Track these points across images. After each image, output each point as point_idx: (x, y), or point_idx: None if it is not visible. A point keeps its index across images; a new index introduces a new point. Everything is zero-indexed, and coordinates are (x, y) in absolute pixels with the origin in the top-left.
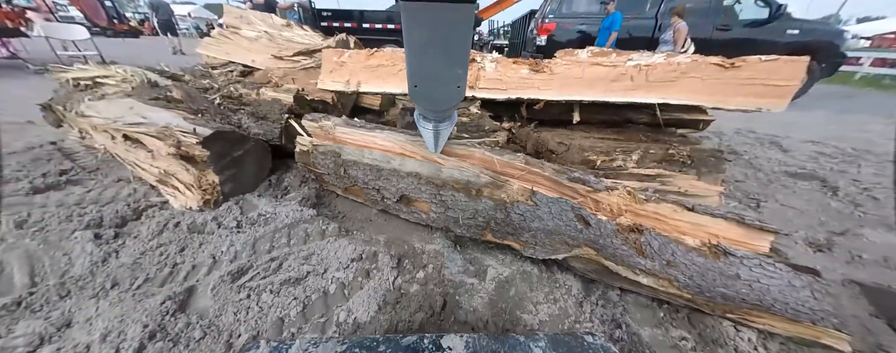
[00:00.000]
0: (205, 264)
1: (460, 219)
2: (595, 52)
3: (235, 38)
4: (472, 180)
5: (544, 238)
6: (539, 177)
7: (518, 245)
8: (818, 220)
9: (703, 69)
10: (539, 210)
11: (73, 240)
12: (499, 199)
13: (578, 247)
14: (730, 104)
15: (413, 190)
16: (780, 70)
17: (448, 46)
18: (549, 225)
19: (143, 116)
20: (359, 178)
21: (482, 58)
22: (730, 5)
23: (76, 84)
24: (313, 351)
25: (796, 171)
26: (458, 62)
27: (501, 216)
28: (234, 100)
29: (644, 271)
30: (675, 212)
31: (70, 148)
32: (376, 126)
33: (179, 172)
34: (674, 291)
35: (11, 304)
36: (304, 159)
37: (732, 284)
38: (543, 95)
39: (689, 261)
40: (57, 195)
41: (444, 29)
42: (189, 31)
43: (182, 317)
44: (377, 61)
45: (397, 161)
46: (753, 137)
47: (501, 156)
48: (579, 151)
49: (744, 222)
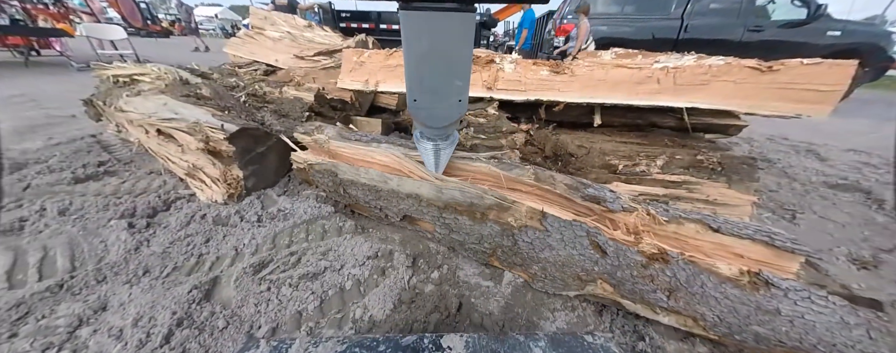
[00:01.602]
0: (228, 256)
1: (466, 243)
2: (619, 53)
3: (260, 39)
4: (475, 201)
5: (555, 272)
6: (551, 194)
7: (526, 277)
8: (862, 235)
9: (737, 73)
10: (550, 237)
11: (109, 228)
12: (505, 223)
13: (593, 282)
14: (765, 109)
15: (415, 211)
16: (824, 75)
17: (449, 56)
18: (560, 255)
19: (175, 112)
20: (359, 197)
21: (501, 59)
22: (762, 5)
23: (115, 81)
24: (313, 351)
25: (837, 181)
26: (460, 74)
27: (509, 244)
28: (259, 98)
29: (666, 310)
30: (697, 233)
31: (107, 141)
32: (373, 139)
33: (206, 166)
34: (699, 331)
35: (55, 286)
36: (304, 176)
37: (770, 321)
38: (564, 97)
39: (721, 294)
40: (95, 185)
41: (445, 37)
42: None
43: (207, 306)
44: (396, 61)
45: (395, 181)
46: (787, 144)
47: (509, 171)
48: (600, 154)
49: (773, 243)
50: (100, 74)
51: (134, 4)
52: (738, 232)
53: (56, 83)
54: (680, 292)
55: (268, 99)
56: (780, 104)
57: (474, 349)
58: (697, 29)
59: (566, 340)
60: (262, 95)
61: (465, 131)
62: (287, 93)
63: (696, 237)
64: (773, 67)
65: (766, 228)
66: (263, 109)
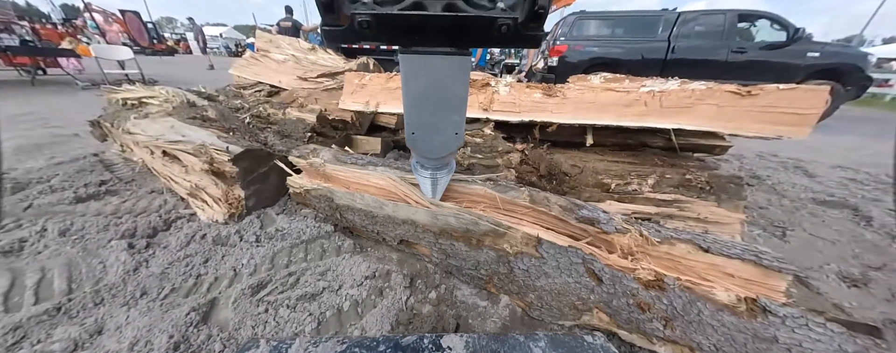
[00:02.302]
0: (226, 277)
1: (463, 268)
2: (607, 77)
3: (265, 61)
4: (470, 227)
5: (551, 301)
6: (545, 216)
7: (523, 305)
8: (851, 252)
9: (719, 97)
10: (546, 264)
11: (109, 248)
12: (501, 249)
13: (589, 311)
14: (748, 131)
15: (411, 236)
16: (800, 99)
17: (445, 95)
18: (556, 283)
19: (181, 135)
20: (356, 221)
21: (496, 82)
22: (745, 27)
23: (124, 103)
24: (313, 351)
25: (825, 198)
26: (456, 110)
27: (505, 271)
28: (263, 119)
29: (663, 339)
30: (689, 253)
31: (110, 160)
32: (369, 162)
33: (209, 186)
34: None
35: (52, 309)
36: (301, 200)
37: (767, 349)
38: (557, 118)
39: (718, 322)
40: (96, 204)
41: (442, 78)
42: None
43: (204, 329)
44: (395, 84)
45: (390, 207)
46: (776, 161)
47: (505, 193)
48: (593, 173)
49: (761, 262)
50: (109, 98)
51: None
52: (727, 252)
53: (61, 102)
54: (677, 322)
55: (271, 120)
56: (762, 126)
57: (474, 349)
58: (684, 50)
59: (566, 340)
60: (266, 116)
61: (463, 151)
62: (290, 114)
63: (688, 258)
64: (751, 92)
65: (752, 247)
66: (267, 130)
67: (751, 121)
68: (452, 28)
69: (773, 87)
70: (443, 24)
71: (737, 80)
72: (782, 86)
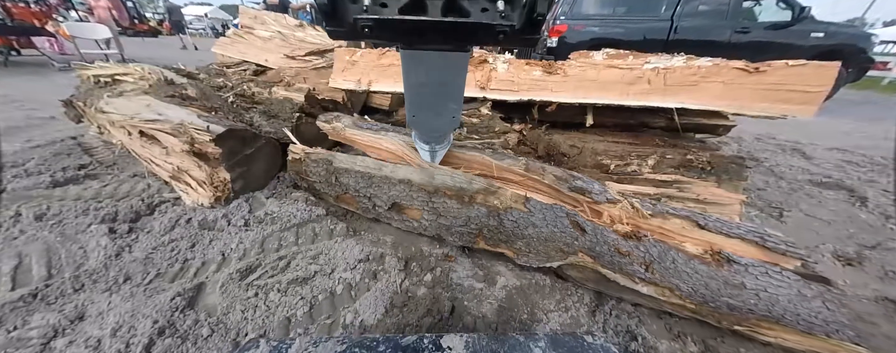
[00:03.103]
0: (214, 261)
1: (452, 226)
2: (610, 54)
3: (249, 38)
4: (464, 186)
5: (538, 246)
6: (539, 184)
7: (511, 253)
8: (846, 232)
9: (725, 73)
10: (533, 217)
11: (89, 234)
12: (492, 205)
13: (574, 254)
14: (753, 110)
15: (404, 197)
16: (809, 76)
17: (444, 86)
18: (543, 232)
19: (158, 113)
20: (350, 185)
21: (494, 59)
22: (749, 7)
23: (97, 81)
24: (313, 351)
25: (821, 179)
26: (454, 99)
27: (494, 223)
28: (247, 98)
29: (644, 281)
30: (683, 229)
31: (89, 143)
32: (383, 128)
33: (192, 168)
34: (676, 301)
35: (28, 295)
36: (296, 168)
37: (738, 294)
38: (557, 97)
39: (692, 269)
40: (75, 189)
41: (441, 73)
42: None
43: (191, 314)
44: (388, 61)
45: (389, 168)
46: (774, 143)
47: (501, 161)
48: (592, 154)
49: (765, 243)
50: (80, 75)
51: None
52: (727, 231)
53: (37, 83)
54: (655, 266)
55: (257, 100)
56: (768, 105)
57: (474, 349)
58: (687, 30)
59: (566, 340)
60: (251, 95)
61: (459, 132)
62: (276, 93)
63: (682, 233)
64: (759, 69)
65: (759, 228)
66: (252, 110)
67: (756, 99)
68: (451, 31)
69: (782, 63)
70: (442, 28)
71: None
72: (791, 62)
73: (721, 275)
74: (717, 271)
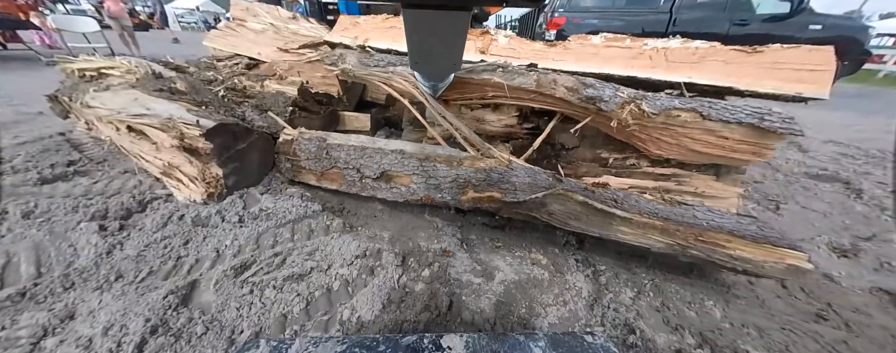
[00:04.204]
0: (208, 258)
1: (442, 184)
2: (608, 37)
3: (241, 31)
4: (453, 154)
5: (523, 186)
6: (551, 99)
7: (499, 194)
8: (842, 224)
9: (724, 54)
10: (516, 173)
11: (79, 231)
12: (478, 167)
13: (555, 188)
14: (764, 87)
15: (396, 165)
16: (805, 57)
17: (445, 43)
18: (526, 181)
19: (146, 108)
20: (340, 158)
21: (496, 33)
22: None
23: (82, 75)
24: (313, 351)
25: (817, 172)
26: (455, 52)
27: (482, 176)
28: (239, 92)
29: (617, 206)
30: (687, 122)
31: (78, 139)
32: (390, 62)
33: (183, 164)
34: (646, 220)
35: (16, 294)
36: (286, 149)
37: (693, 222)
38: (559, 66)
39: (653, 208)
40: (64, 186)
41: (442, 31)
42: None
43: (184, 312)
44: (390, 24)
45: (382, 142)
46: None
47: (512, 80)
48: (591, 147)
49: (761, 125)
50: (65, 68)
51: None
52: (725, 117)
53: (24, 79)
54: (621, 203)
55: (248, 93)
56: (779, 83)
57: (474, 349)
58: (685, 23)
59: (566, 339)
60: (242, 89)
61: None
62: (269, 87)
63: (686, 125)
64: (757, 49)
65: (758, 110)
66: (244, 104)
67: (765, 77)
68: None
69: (777, 46)
70: None
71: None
72: (784, 45)
73: (677, 211)
74: (671, 208)
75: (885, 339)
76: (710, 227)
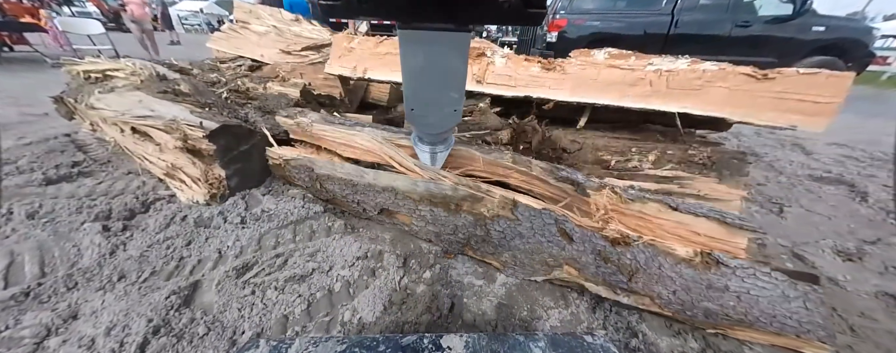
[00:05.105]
0: (210, 259)
1: (442, 234)
2: (613, 53)
3: (245, 33)
4: (448, 193)
5: (524, 259)
6: (526, 176)
7: (498, 265)
8: (847, 227)
9: (731, 79)
10: (521, 226)
11: (83, 232)
12: (479, 213)
13: (559, 267)
14: (759, 119)
15: (391, 204)
16: (821, 85)
17: (444, 72)
18: (530, 242)
19: (151, 109)
20: (336, 192)
21: (492, 52)
22: (750, 1)
23: (87, 77)
24: (313, 351)
25: (821, 175)
26: (455, 87)
27: (481, 234)
28: (242, 94)
29: (625, 291)
30: (659, 211)
31: (83, 140)
32: (357, 123)
33: (186, 165)
34: (654, 309)
35: (20, 294)
36: (280, 173)
37: (719, 297)
38: (555, 95)
39: (677, 274)
40: (68, 187)
41: (442, 55)
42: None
43: (186, 312)
44: (385, 50)
45: (371, 175)
46: (774, 138)
47: (488, 155)
48: (593, 150)
49: (725, 220)
50: (70, 70)
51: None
52: (694, 211)
53: (30, 80)
54: (639, 274)
55: (251, 95)
56: (776, 115)
57: (474, 349)
58: (688, 24)
59: (566, 340)
60: (246, 90)
61: None
62: (272, 88)
63: (659, 216)
64: (768, 75)
65: (717, 209)
66: (247, 106)
67: (764, 108)
68: (451, 5)
69: (793, 71)
70: (441, 0)
71: (740, 55)
72: (802, 70)
73: (705, 278)
74: (702, 274)
75: (892, 344)
76: (735, 319)
